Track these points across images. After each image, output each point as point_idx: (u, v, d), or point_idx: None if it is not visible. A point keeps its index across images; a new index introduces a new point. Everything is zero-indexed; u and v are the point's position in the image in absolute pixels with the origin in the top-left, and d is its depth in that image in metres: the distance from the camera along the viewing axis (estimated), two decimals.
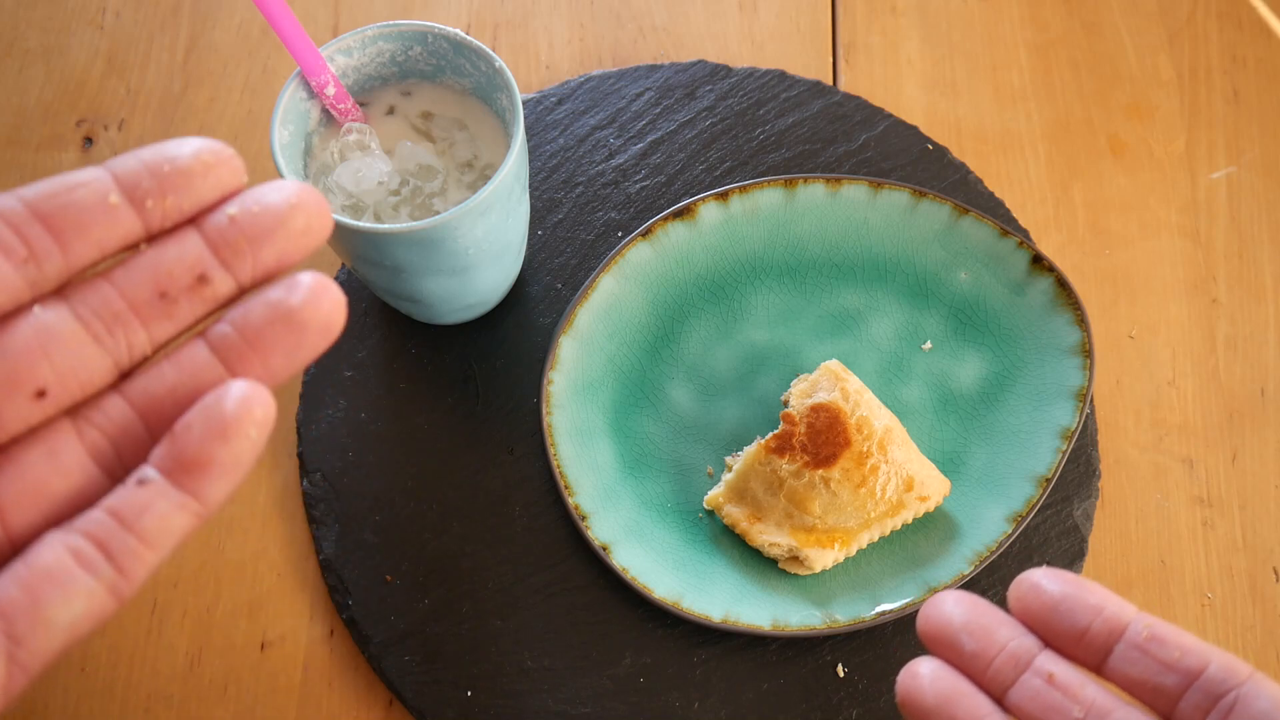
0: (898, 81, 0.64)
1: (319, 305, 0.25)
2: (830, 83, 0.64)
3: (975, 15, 0.66)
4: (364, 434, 0.54)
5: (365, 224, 0.45)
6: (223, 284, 0.25)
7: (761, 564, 0.51)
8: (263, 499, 0.54)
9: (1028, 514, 0.50)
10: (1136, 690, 0.29)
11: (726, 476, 0.51)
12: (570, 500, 0.51)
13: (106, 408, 0.25)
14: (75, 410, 0.25)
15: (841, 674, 0.50)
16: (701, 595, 0.50)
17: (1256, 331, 0.58)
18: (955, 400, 0.55)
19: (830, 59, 0.65)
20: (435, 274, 0.48)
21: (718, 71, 0.62)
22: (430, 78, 0.50)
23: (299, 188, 0.26)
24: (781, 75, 0.62)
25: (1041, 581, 0.30)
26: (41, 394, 0.24)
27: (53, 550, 0.23)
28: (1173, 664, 0.29)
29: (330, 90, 0.48)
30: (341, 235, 0.46)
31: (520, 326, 0.56)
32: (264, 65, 0.64)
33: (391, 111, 0.51)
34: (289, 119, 0.47)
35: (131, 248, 0.25)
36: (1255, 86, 0.64)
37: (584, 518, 0.51)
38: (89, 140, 0.61)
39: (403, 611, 0.51)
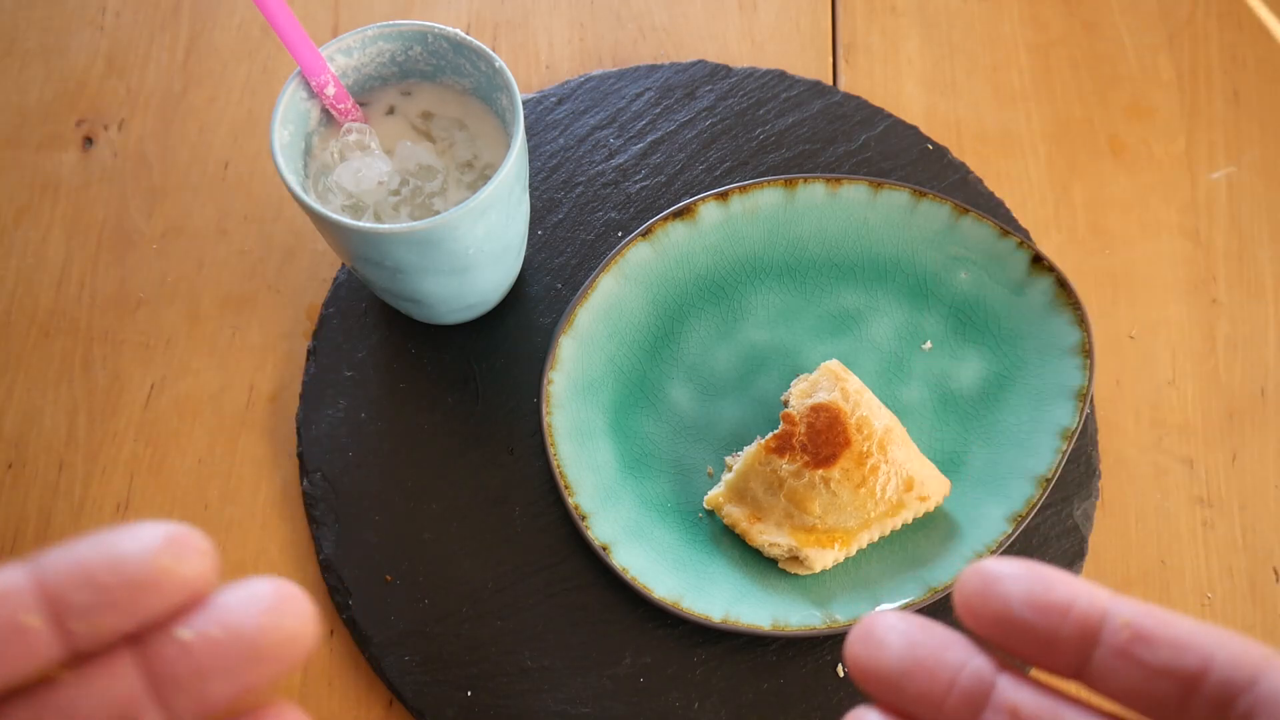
0: (898, 81, 0.64)
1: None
2: (830, 83, 0.64)
3: (975, 15, 0.66)
4: (364, 434, 0.54)
5: (365, 224, 0.45)
6: None
7: (761, 564, 0.51)
8: (263, 499, 0.54)
9: (1028, 514, 0.50)
10: (1130, 701, 0.23)
11: (726, 476, 0.51)
12: (570, 500, 0.51)
13: None
14: None
15: (841, 674, 0.50)
16: (701, 595, 0.50)
17: (1256, 331, 0.58)
18: (955, 400, 0.55)
19: (830, 59, 0.65)
20: (435, 274, 0.48)
21: (718, 71, 0.62)
22: (430, 78, 0.50)
23: (278, 595, 0.19)
24: (781, 75, 0.62)
25: (990, 583, 0.24)
26: None
27: None
28: (1166, 668, 0.22)
29: (330, 90, 0.48)
30: (341, 235, 0.46)
31: (520, 326, 0.56)
32: (264, 65, 0.64)
33: (391, 111, 0.51)
34: (289, 119, 0.47)
35: (47, 675, 0.19)
36: (1255, 86, 0.64)
37: (584, 518, 0.51)
38: (89, 140, 0.61)
39: (403, 611, 0.51)
